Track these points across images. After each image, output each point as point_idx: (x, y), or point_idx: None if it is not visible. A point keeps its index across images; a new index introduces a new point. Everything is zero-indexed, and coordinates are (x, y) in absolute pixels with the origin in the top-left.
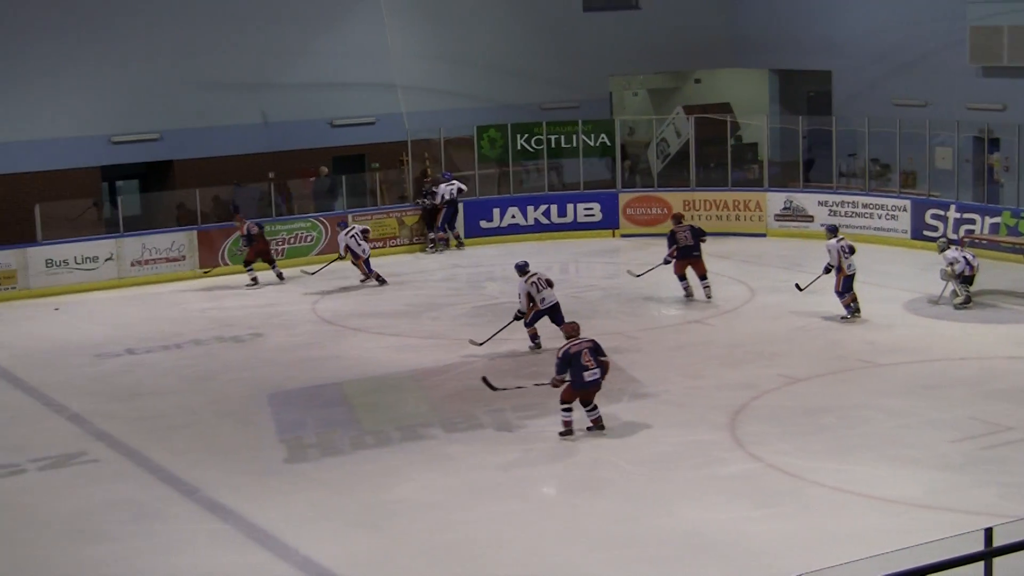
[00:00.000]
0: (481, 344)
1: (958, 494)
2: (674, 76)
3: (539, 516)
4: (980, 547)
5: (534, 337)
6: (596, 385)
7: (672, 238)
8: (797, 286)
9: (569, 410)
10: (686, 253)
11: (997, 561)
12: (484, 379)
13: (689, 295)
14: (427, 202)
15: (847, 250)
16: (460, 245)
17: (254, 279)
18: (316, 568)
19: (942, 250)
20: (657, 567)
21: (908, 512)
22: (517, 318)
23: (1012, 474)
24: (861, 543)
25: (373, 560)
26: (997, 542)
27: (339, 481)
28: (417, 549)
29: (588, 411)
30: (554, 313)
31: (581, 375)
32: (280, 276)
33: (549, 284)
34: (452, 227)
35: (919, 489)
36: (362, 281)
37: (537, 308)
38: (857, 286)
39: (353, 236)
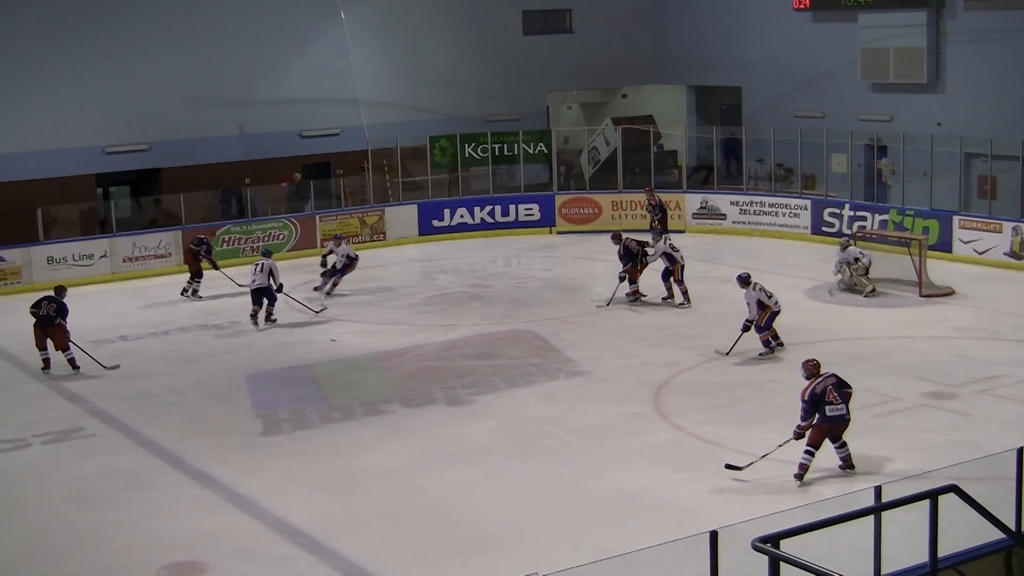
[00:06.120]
0: (727, 354)
1: (853, 457)
2: (603, 91)
3: (489, 481)
4: (871, 503)
5: (775, 338)
6: (843, 421)
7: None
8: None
9: (811, 454)
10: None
11: (885, 514)
12: (728, 466)
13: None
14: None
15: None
16: None
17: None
18: (290, 529)
19: (844, 247)
20: (593, 525)
21: (810, 473)
22: (746, 328)
23: (900, 439)
24: (770, 501)
25: (342, 521)
26: (886, 498)
27: (310, 451)
28: (382, 512)
29: (837, 448)
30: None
31: (824, 411)
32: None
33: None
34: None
35: (820, 453)
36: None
37: (771, 311)
38: (765, 275)
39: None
